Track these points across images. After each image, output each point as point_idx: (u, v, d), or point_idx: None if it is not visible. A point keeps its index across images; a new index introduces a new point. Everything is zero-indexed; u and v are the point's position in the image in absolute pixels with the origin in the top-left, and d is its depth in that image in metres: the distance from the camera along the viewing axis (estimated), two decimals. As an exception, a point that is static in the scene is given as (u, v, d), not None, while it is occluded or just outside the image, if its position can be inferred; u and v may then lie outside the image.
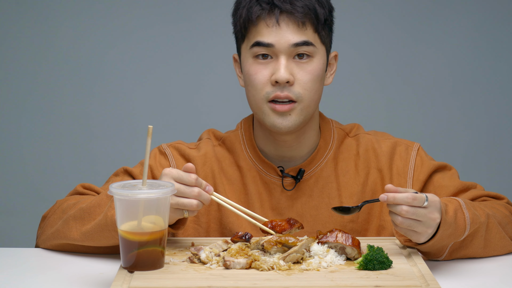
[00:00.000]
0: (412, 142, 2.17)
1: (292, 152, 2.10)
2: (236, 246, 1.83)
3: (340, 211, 1.90)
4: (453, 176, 2.13)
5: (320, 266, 1.78)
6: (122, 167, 2.12)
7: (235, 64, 2.13)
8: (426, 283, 1.68)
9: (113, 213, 1.86)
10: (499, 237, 1.99)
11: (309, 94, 2.01)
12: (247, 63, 2.03)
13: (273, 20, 1.99)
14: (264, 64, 2.01)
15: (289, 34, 1.99)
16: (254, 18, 2.00)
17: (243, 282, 1.69)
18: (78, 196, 2.06)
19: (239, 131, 2.15)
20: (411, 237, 1.83)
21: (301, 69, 2.00)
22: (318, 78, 2.02)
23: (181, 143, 2.16)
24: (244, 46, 2.05)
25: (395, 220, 1.80)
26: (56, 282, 1.84)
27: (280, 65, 1.99)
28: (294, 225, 1.89)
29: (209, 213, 2.11)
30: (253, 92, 2.02)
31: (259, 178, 2.11)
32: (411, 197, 1.77)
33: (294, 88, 1.99)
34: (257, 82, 2.01)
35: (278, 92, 2.00)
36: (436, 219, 1.81)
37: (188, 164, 1.83)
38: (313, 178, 2.11)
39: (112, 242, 1.92)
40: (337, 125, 2.17)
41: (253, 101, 2.03)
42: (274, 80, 1.99)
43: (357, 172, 2.13)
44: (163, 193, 1.72)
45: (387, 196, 1.79)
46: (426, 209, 1.79)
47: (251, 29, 2.01)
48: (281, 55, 1.99)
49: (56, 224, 2.01)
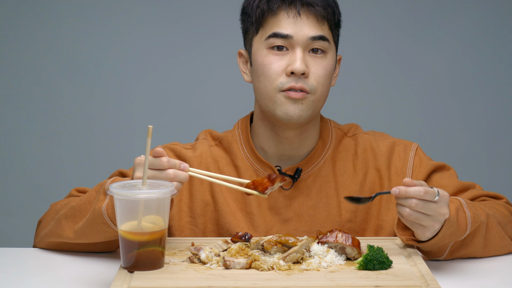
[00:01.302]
0: (410, 142, 2.17)
1: (292, 150, 2.10)
2: (236, 246, 1.83)
3: (352, 200, 1.88)
4: (452, 176, 2.13)
5: (320, 266, 1.78)
6: (117, 170, 2.12)
7: (239, 59, 2.13)
8: (426, 283, 1.68)
9: (100, 205, 1.86)
10: (499, 236, 1.99)
11: (322, 88, 2.02)
12: (260, 54, 2.03)
13: (294, 11, 2.00)
14: (279, 55, 2.01)
15: (308, 26, 2.00)
16: (275, 8, 2.01)
17: (243, 282, 1.69)
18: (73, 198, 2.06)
19: (236, 131, 2.15)
20: (416, 230, 1.82)
21: (316, 63, 2.02)
22: (329, 74, 2.04)
23: (177, 144, 2.16)
24: (257, 38, 2.05)
25: (402, 212, 1.78)
26: (56, 282, 1.84)
27: (296, 56, 2.00)
28: (275, 180, 1.85)
29: (206, 214, 2.10)
30: (265, 82, 2.02)
31: (256, 178, 2.10)
32: (423, 191, 1.76)
33: (308, 81, 2.00)
34: (271, 72, 2.01)
35: (293, 83, 2.00)
36: (445, 214, 1.80)
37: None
38: (311, 177, 2.11)
39: (104, 237, 1.92)
40: (335, 125, 2.18)
41: (264, 92, 2.03)
42: (290, 71, 1.99)
43: (355, 171, 2.13)
44: (163, 193, 1.72)
45: (399, 189, 1.77)
46: (436, 204, 1.78)
47: (269, 20, 2.02)
48: (298, 47, 2.00)
49: (49, 225, 2.02)
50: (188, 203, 2.11)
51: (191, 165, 2.11)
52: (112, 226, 1.87)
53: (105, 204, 1.86)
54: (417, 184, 1.78)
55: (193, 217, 2.10)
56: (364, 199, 1.88)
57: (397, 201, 1.80)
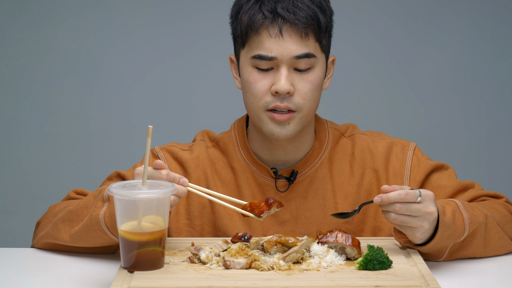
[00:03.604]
0: (408, 142, 2.16)
1: (287, 156, 2.09)
2: (236, 246, 1.83)
3: (339, 216, 1.90)
4: (451, 176, 2.13)
5: (320, 266, 1.78)
6: (115, 171, 2.12)
7: (231, 65, 2.10)
8: (426, 283, 1.68)
9: (98, 212, 1.86)
10: (498, 236, 1.99)
11: (309, 104, 2.00)
12: (246, 71, 2.01)
13: (276, 30, 1.96)
14: (264, 74, 1.98)
15: (292, 45, 1.96)
16: (257, 26, 1.96)
17: (243, 282, 1.69)
18: (71, 201, 2.06)
19: (233, 132, 2.14)
20: (406, 232, 1.83)
21: (302, 79, 1.98)
22: (318, 87, 2.01)
23: (174, 145, 2.16)
24: (244, 52, 2.02)
25: (388, 217, 1.81)
26: (56, 282, 1.84)
27: (281, 75, 1.96)
28: (272, 205, 1.86)
29: (203, 216, 2.10)
30: (252, 100, 2.00)
31: (253, 180, 2.10)
32: (403, 193, 1.78)
33: (294, 99, 1.98)
34: (256, 91, 1.99)
35: (278, 102, 1.98)
36: (433, 213, 1.81)
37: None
38: (308, 179, 2.10)
39: (100, 243, 1.92)
40: (332, 125, 2.16)
41: (251, 109, 2.02)
42: (274, 90, 1.97)
43: (352, 173, 2.12)
44: (163, 193, 1.72)
45: (380, 198, 1.79)
46: (420, 204, 1.79)
47: (253, 37, 1.98)
48: (282, 66, 1.97)
49: (47, 227, 2.02)
50: (185, 205, 2.10)
51: (188, 167, 2.11)
52: (108, 234, 1.87)
53: (103, 211, 1.86)
54: (397, 189, 1.79)
55: (190, 219, 2.10)
56: (350, 213, 1.90)
57: (382, 208, 1.81)
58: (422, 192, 1.80)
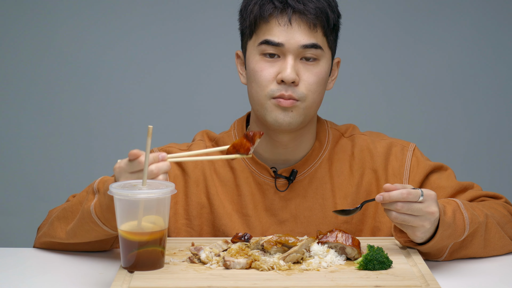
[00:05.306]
0: (408, 142, 2.16)
1: (288, 154, 2.10)
2: (236, 246, 1.83)
3: (341, 213, 1.91)
4: (450, 176, 2.13)
5: (320, 266, 1.78)
6: None
7: (237, 60, 2.12)
8: (426, 283, 1.68)
9: (89, 204, 1.86)
10: (498, 236, 1.99)
11: (313, 96, 2.01)
12: (253, 60, 2.03)
13: (285, 19, 1.99)
14: (270, 62, 2.00)
15: (300, 34, 1.99)
16: (266, 15, 1.99)
17: (243, 282, 1.69)
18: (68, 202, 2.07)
19: (232, 132, 2.15)
20: (407, 231, 1.83)
21: (307, 70, 2.00)
22: (322, 81, 2.02)
23: (172, 146, 2.16)
24: (251, 42, 2.04)
25: (389, 215, 1.81)
26: (56, 282, 1.84)
27: (287, 64, 1.98)
28: (254, 137, 1.83)
29: (202, 216, 2.10)
30: (257, 88, 2.02)
31: (252, 179, 2.10)
32: (405, 193, 1.78)
33: (298, 89, 1.99)
34: (262, 79, 2.00)
35: (283, 91, 1.99)
36: (435, 213, 1.81)
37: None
38: (307, 179, 2.10)
39: (94, 236, 1.92)
40: (332, 125, 2.17)
41: (256, 98, 2.03)
42: (280, 79, 1.99)
43: (351, 173, 2.12)
44: (163, 193, 1.72)
45: (382, 196, 1.80)
46: (422, 204, 1.80)
47: (262, 26, 2.01)
48: (289, 55, 1.99)
49: (44, 228, 2.03)
50: (184, 205, 2.10)
51: (186, 166, 2.11)
52: (100, 224, 1.87)
53: (93, 203, 1.86)
54: (399, 187, 1.80)
55: (189, 219, 2.10)
56: (352, 210, 1.91)
57: (384, 207, 1.82)
58: (425, 191, 1.80)
